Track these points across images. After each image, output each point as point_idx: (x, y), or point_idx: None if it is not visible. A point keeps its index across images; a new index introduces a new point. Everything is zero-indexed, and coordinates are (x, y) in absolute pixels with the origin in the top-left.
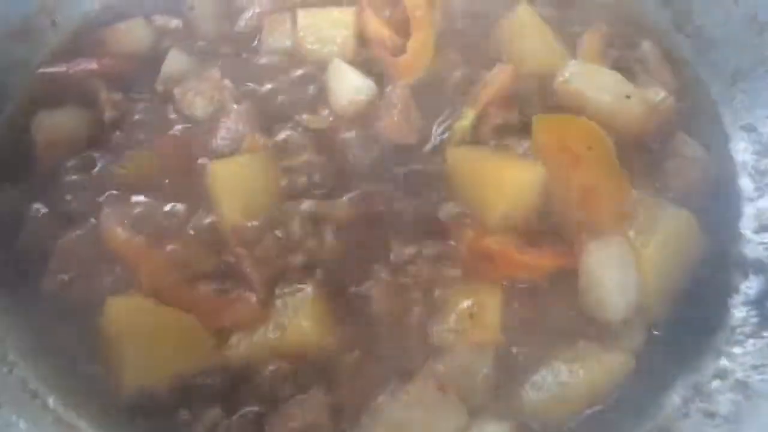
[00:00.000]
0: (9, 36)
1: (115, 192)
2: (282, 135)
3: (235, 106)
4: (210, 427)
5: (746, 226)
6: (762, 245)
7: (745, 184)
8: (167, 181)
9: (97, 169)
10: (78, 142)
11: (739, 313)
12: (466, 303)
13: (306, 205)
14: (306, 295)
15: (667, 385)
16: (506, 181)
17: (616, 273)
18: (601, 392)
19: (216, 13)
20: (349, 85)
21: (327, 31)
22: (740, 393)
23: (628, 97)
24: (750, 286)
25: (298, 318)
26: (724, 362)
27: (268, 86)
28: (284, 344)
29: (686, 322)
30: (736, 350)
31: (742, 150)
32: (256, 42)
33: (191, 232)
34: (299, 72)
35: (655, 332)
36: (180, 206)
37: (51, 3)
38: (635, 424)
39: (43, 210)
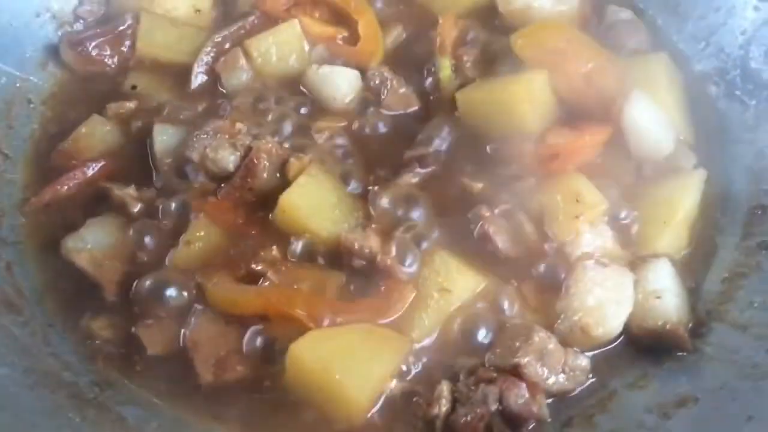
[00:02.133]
0: None
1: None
2: (311, 147)
3: (258, 143)
4: None
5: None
6: (717, 59)
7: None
8: (236, 238)
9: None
10: (123, 250)
11: (734, 109)
12: (564, 196)
13: (387, 195)
14: (441, 257)
15: (731, 181)
16: (523, 94)
17: (654, 119)
18: (698, 206)
19: (164, 83)
20: (341, 83)
21: (283, 48)
22: None
23: None
24: (730, 85)
25: (452, 276)
26: (755, 145)
27: (269, 117)
28: (455, 306)
29: (705, 136)
30: (759, 133)
31: None
32: (221, 88)
33: (294, 260)
34: (281, 94)
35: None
36: (274, 249)
37: None
38: (731, 215)
39: (148, 321)
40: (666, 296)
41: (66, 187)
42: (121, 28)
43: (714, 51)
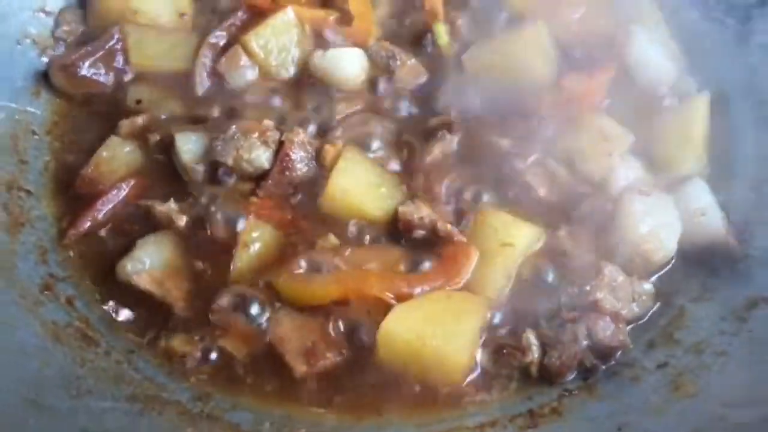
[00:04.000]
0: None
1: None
2: (338, 132)
3: (289, 135)
4: None
5: None
6: None
7: None
8: (289, 232)
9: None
10: (182, 264)
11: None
12: (590, 136)
13: (424, 167)
14: (494, 214)
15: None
16: (530, 47)
17: (655, 50)
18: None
19: (168, 92)
20: (349, 64)
21: (281, 40)
22: None
23: None
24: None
25: (510, 230)
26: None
27: (289, 110)
28: (519, 258)
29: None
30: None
31: None
32: (229, 88)
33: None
34: (291, 86)
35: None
36: (331, 237)
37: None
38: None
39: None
40: (709, 212)
41: (102, 213)
42: (110, 44)
43: None
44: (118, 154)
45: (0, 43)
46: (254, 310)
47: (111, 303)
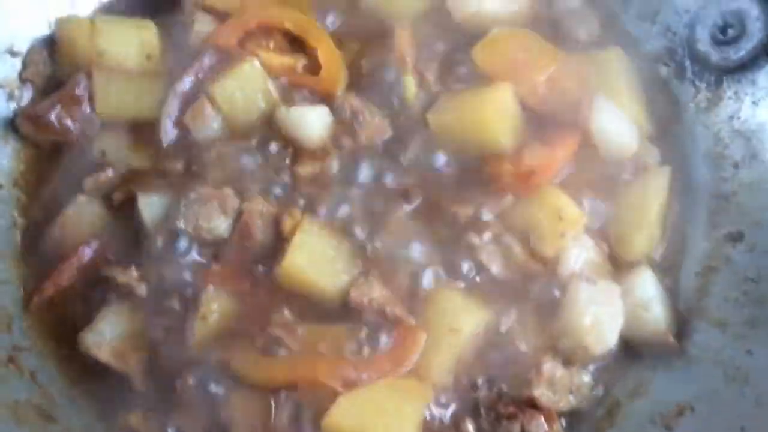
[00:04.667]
0: None
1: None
2: (299, 199)
3: (248, 204)
4: None
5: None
6: (665, 38)
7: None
8: (246, 303)
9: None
10: (142, 335)
11: (689, 91)
12: (547, 212)
13: (380, 238)
14: (445, 295)
15: (693, 168)
16: (492, 113)
17: (618, 122)
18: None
19: (134, 142)
20: (313, 123)
21: (247, 91)
22: (739, 138)
23: None
24: (679, 66)
25: (458, 315)
26: (711, 129)
27: (251, 171)
28: (465, 343)
29: (664, 123)
30: (711, 116)
31: None
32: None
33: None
34: (253, 141)
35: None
36: (286, 312)
37: None
38: (697, 205)
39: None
40: (652, 306)
41: (66, 277)
42: (76, 91)
43: (661, 30)
44: (83, 213)
45: None
46: (213, 388)
47: (73, 374)
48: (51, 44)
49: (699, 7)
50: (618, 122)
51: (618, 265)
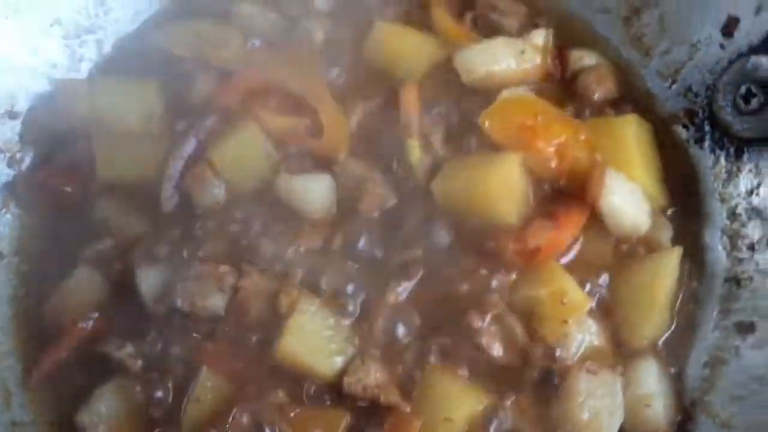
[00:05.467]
0: None
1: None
2: (297, 273)
3: (244, 282)
4: None
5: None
6: (686, 98)
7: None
8: (241, 383)
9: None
10: (137, 413)
11: (707, 157)
12: (550, 294)
13: (378, 319)
14: (441, 382)
15: (707, 247)
16: (501, 182)
17: (630, 200)
18: (677, 284)
19: (134, 207)
20: (313, 193)
21: (247, 157)
22: (757, 217)
23: (522, 52)
24: (699, 130)
25: (452, 404)
26: (728, 203)
27: (244, 242)
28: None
29: (680, 192)
30: (730, 188)
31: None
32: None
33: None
34: (254, 208)
35: (669, 212)
36: (281, 393)
37: None
38: (708, 289)
39: None
40: (654, 402)
41: (65, 351)
42: (77, 156)
43: (681, 90)
44: (82, 284)
45: None
46: None
47: None
48: (51, 102)
49: (723, 70)
50: (630, 200)
51: (622, 348)
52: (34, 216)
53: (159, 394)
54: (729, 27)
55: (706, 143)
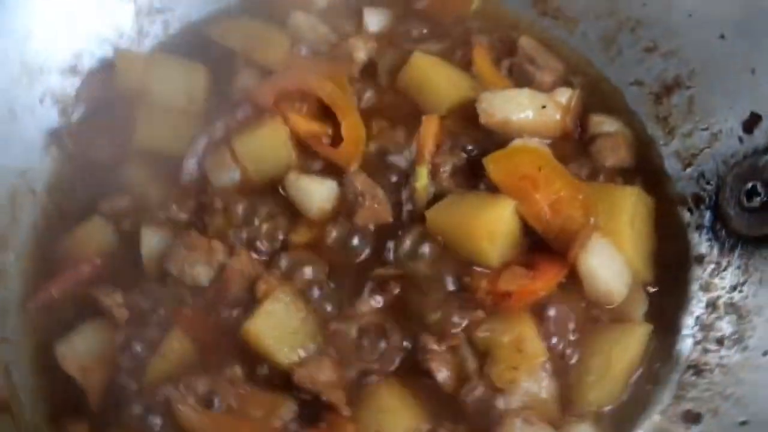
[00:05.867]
0: None
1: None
2: (282, 263)
3: (230, 261)
4: None
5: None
6: (697, 184)
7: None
8: (206, 350)
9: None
10: (110, 357)
11: (702, 244)
12: (510, 338)
13: (347, 324)
14: (382, 395)
15: (677, 330)
16: (484, 231)
17: (609, 270)
18: (638, 359)
19: (158, 175)
20: (314, 193)
21: (267, 151)
22: (734, 313)
23: (544, 107)
24: (701, 217)
25: (387, 419)
26: (710, 293)
27: (244, 225)
28: None
29: (666, 271)
30: (716, 280)
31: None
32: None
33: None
34: (260, 196)
35: (651, 290)
36: (237, 369)
37: None
38: (668, 372)
39: None
40: None
41: (62, 288)
42: (121, 118)
43: (695, 174)
44: (94, 232)
45: (25, 99)
46: (152, 422)
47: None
48: (110, 69)
49: (736, 163)
50: (608, 266)
51: (567, 408)
52: (69, 163)
53: (138, 348)
54: (750, 123)
55: (705, 231)
